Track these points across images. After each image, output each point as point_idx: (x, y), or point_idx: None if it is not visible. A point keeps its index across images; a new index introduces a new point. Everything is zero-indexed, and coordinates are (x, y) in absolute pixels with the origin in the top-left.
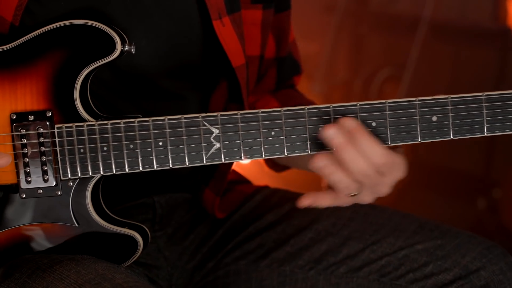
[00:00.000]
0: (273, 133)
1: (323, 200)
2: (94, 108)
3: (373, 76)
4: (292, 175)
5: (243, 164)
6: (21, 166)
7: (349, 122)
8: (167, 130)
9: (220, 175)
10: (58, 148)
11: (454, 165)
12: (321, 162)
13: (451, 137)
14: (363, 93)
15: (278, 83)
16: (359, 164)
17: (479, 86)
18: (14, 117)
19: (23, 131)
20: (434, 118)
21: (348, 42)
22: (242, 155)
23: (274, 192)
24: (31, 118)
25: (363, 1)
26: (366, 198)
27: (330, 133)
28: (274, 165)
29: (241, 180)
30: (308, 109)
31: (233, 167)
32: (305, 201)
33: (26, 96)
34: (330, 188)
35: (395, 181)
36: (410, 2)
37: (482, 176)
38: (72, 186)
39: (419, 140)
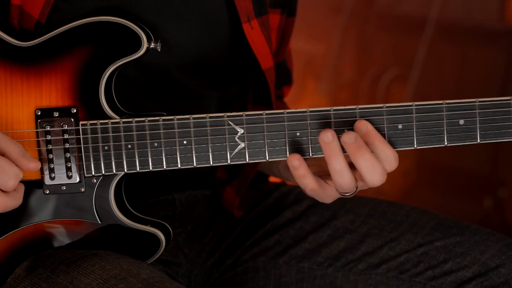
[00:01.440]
0: (298, 134)
1: (309, 177)
2: (119, 105)
3: (380, 76)
4: None
5: None
6: (45, 162)
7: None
8: (192, 129)
9: (244, 175)
10: (82, 145)
11: (460, 164)
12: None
13: (478, 141)
14: (370, 93)
15: None
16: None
17: (486, 86)
18: (39, 113)
19: (48, 127)
20: (461, 122)
21: (355, 43)
22: (267, 155)
23: (291, 189)
24: (56, 114)
25: (370, 2)
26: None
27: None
28: None
29: (259, 177)
30: (334, 110)
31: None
32: (294, 160)
33: (51, 92)
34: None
35: None
36: (417, 2)
37: (488, 176)
38: (96, 183)
39: (446, 144)
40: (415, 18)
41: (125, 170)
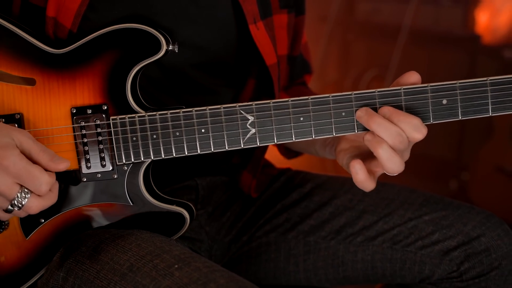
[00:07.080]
0: (301, 119)
1: (366, 177)
2: (143, 101)
3: (360, 76)
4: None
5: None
6: (81, 153)
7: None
8: (209, 119)
9: (256, 159)
10: (113, 137)
11: (429, 151)
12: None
13: (460, 117)
14: (352, 91)
15: (290, 80)
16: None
17: None
18: (74, 111)
19: (83, 123)
20: (444, 101)
21: (338, 47)
22: (275, 138)
23: (296, 173)
24: (89, 111)
25: (351, 12)
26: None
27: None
28: (286, 152)
29: (266, 164)
30: (332, 96)
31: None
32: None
33: (84, 92)
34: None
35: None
36: (392, 12)
37: (453, 161)
38: (127, 170)
39: (431, 121)
40: (391, 25)
41: (152, 157)
